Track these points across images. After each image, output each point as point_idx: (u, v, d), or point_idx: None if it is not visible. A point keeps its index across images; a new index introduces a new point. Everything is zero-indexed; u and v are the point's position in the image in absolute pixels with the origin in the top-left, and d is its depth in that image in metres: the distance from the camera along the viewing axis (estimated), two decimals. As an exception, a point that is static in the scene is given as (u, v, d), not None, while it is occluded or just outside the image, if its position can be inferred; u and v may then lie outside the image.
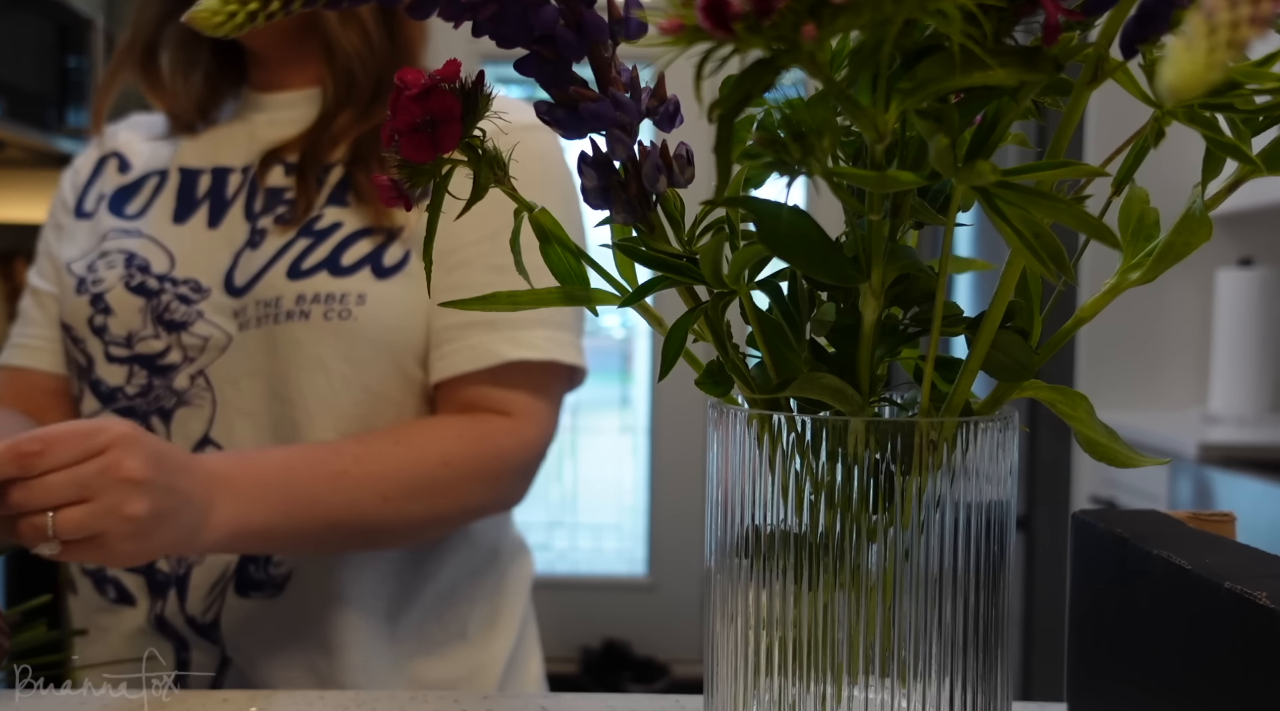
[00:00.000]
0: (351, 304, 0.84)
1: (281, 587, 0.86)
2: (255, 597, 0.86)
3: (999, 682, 0.42)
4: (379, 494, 0.79)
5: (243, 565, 0.85)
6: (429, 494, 0.81)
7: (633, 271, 0.45)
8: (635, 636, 3.37)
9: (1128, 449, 0.43)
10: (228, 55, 0.95)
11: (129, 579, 0.87)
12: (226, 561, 0.85)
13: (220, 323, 0.86)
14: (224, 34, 0.34)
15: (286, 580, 0.86)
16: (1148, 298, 2.51)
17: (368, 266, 0.85)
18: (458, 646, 0.92)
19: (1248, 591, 0.38)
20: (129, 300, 0.87)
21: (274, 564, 0.85)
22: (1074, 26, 0.36)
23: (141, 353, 0.87)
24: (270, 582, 0.86)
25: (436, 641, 0.91)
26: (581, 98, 0.39)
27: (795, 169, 0.36)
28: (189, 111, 0.94)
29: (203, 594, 0.85)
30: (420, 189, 0.42)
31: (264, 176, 0.90)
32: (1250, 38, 0.24)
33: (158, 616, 0.86)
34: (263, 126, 0.93)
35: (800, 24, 0.30)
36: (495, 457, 0.84)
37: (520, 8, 0.38)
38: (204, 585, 0.85)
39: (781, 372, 0.43)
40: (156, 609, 0.86)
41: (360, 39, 0.89)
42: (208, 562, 0.85)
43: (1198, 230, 0.41)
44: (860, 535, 0.40)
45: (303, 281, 0.85)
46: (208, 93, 0.95)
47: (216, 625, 0.86)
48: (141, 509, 0.63)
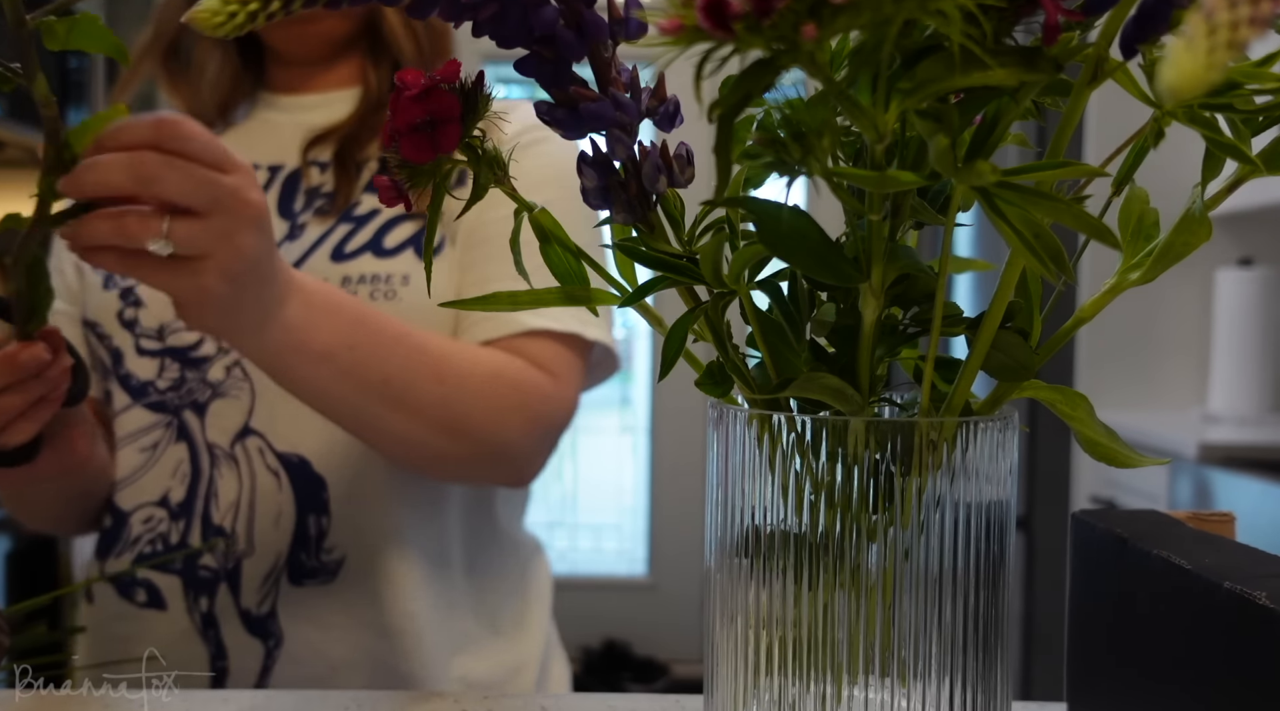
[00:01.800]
0: (397, 284, 0.84)
1: (335, 573, 0.85)
2: (310, 585, 0.84)
3: (999, 682, 0.42)
4: (435, 371, 0.76)
5: (294, 553, 0.84)
6: (477, 396, 0.78)
7: (633, 271, 0.45)
8: (635, 636, 3.37)
9: (1128, 449, 0.43)
10: (249, 55, 0.95)
11: (162, 580, 0.85)
12: (278, 551, 0.84)
13: None
14: (224, 34, 0.34)
15: (340, 566, 0.85)
16: (1148, 298, 2.51)
17: (411, 248, 0.86)
18: (492, 642, 0.92)
19: (1248, 591, 0.38)
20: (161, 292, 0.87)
21: (325, 550, 0.84)
22: (1074, 27, 0.36)
23: (173, 345, 0.86)
24: (324, 569, 0.84)
25: (472, 637, 0.91)
26: (581, 98, 0.39)
27: (795, 169, 0.37)
28: (209, 111, 0.94)
29: (256, 585, 0.84)
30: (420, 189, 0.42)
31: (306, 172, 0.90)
32: (1250, 38, 0.24)
33: (204, 615, 0.84)
34: (290, 127, 0.93)
35: (800, 24, 0.30)
36: (538, 394, 0.82)
37: (520, 8, 0.38)
38: (256, 576, 0.84)
39: (781, 373, 0.43)
40: (201, 607, 0.85)
41: (412, 42, 0.91)
42: (258, 553, 0.84)
43: (1198, 230, 0.41)
44: (860, 535, 0.40)
45: (347, 263, 0.85)
46: (230, 92, 0.95)
47: (274, 616, 0.84)
48: (250, 244, 0.60)
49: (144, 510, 0.86)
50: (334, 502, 0.84)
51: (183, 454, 0.86)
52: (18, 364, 0.64)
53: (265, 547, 0.84)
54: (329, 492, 0.84)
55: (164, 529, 0.85)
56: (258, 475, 0.84)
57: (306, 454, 0.84)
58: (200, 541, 0.84)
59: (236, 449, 0.85)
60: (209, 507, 0.85)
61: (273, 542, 0.84)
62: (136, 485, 0.86)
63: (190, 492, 0.85)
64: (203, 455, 0.86)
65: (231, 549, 0.84)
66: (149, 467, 0.86)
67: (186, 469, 0.86)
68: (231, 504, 0.84)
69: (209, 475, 0.85)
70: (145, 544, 0.86)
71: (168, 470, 0.86)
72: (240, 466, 0.85)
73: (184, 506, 0.85)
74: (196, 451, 0.86)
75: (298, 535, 0.84)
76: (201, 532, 0.84)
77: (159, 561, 0.85)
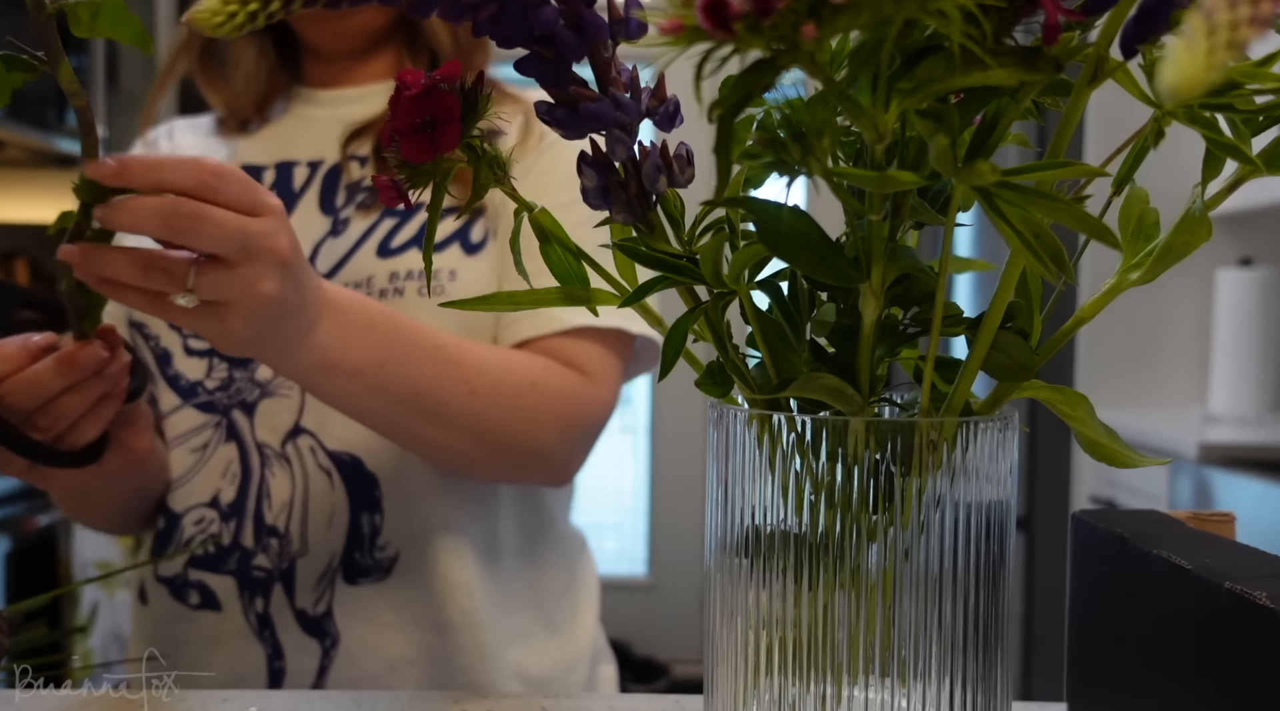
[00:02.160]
0: (444, 280, 0.84)
1: (389, 570, 0.84)
2: (364, 583, 0.84)
3: (999, 682, 0.42)
4: (468, 384, 0.76)
5: (348, 552, 0.84)
6: (511, 408, 0.78)
7: (633, 271, 0.45)
8: (635, 636, 3.37)
9: (1128, 449, 0.43)
10: (284, 51, 0.95)
11: (216, 581, 0.85)
12: (332, 550, 0.83)
13: None
14: (224, 34, 0.34)
15: (393, 562, 0.84)
16: (1148, 298, 2.51)
17: (456, 242, 0.86)
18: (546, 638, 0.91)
19: (1248, 591, 0.38)
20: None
21: (379, 548, 0.84)
22: (1074, 27, 0.36)
23: None
24: (378, 567, 0.84)
25: (527, 632, 0.90)
26: (581, 98, 0.39)
27: (795, 169, 0.37)
28: (246, 107, 0.93)
29: (311, 585, 0.84)
30: (419, 189, 0.42)
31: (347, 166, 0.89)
32: (1250, 38, 0.24)
33: (259, 615, 0.84)
34: (328, 121, 0.92)
35: (800, 24, 0.30)
36: (573, 400, 0.82)
37: (520, 8, 0.38)
38: (311, 576, 0.84)
39: (781, 373, 0.43)
40: (257, 607, 0.84)
41: (450, 34, 0.91)
42: (312, 553, 0.83)
43: (1198, 230, 0.41)
44: (860, 535, 0.40)
45: (394, 259, 0.84)
46: (267, 87, 0.94)
47: (329, 616, 0.84)
48: (274, 290, 0.60)
49: (195, 511, 0.85)
50: (386, 500, 0.84)
51: (232, 454, 0.85)
52: (77, 363, 0.64)
53: (319, 547, 0.84)
54: (381, 490, 0.84)
55: (215, 530, 0.85)
56: (310, 474, 0.84)
57: (358, 452, 0.84)
58: (253, 542, 0.84)
59: (288, 448, 0.84)
60: (261, 507, 0.84)
61: (327, 542, 0.83)
62: (187, 486, 0.86)
63: (241, 493, 0.85)
64: (253, 455, 0.85)
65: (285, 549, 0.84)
66: (199, 468, 0.86)
67: (237, 469, 0.85)
68: (285, 503, 0.84)
69: (260, 475, 0.84)
70: (197, 546, 0.85)
71: (218, 470, 0.85)
72: (292, 466, 0.84)
73: (234, 507, 0.84)
74: (246, 451, 0.85)
75: (351, 534, 0.84)
76: (254, 533, 0.84)
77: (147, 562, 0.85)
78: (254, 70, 0.94)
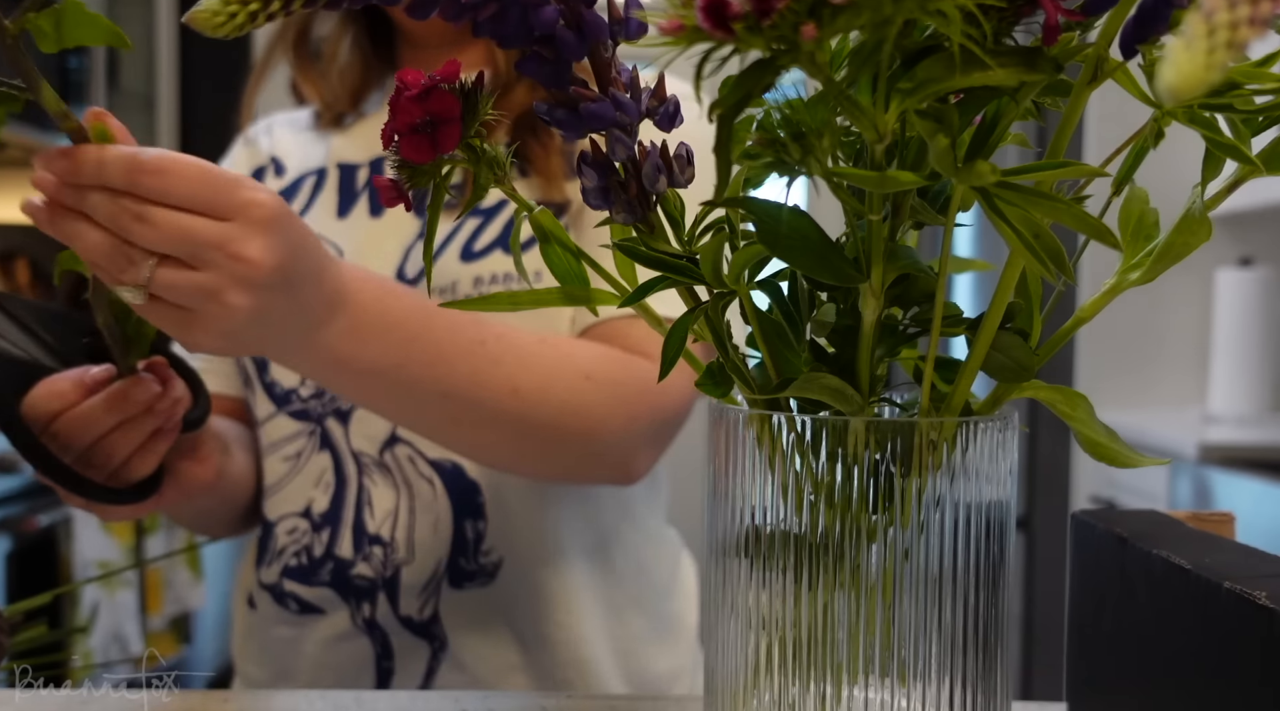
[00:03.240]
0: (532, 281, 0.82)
1: (494, 575, 0.83)
2: (470, 588, 0.83)
3: (999, 682, 0.42)
4: (509, 382, 0.70)
5: (453, 559, 0.82)
6: (562, 405, 0.72)
7: (633, 271, 0.45)
8: (635, 636, 3.36)
9: (1128, 449, 0.43)
10: (380, 41, 0.92)
11: (311, 593, 0.83)
12: (438, 557, 0.82)
13: None
14: (224, 34, 0.34)
15: (498, 567, 0.83)
16: (1148, 298, 2.51)
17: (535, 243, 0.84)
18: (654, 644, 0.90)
19: (1248, 591, 0.38)
20: None
21: (483, 553, 0.83)
22: (1074, 27, 0.36)
23: None
24: (482, 572, 0.83)
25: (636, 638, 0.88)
26: (581, 98, 0.39)
27: (795, 169, 0.37)
28: (342, 99, 0.91)
29: (416, 592, 0.82)
30: (421, 190, 0.42)
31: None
32: (1249, 38, 0.24)
33: (366, 620, 0.83)
34: None
35: (800, 24, 0.30)
36: (636, 389, 0.75)
37: (520, 8, 0.38)
38: (416, 584, 0.82)
39: (781, 373, 0.43)
40: (363, 612, 0.83)
41: None
42: (418, 561, 0.82)
43: (1197, 230, 0.41)
44: (860, 535, 0.40)
45: (478, 263, 0.82)
46: (362, 79, 0.92)
47: (436, 620, 0.83)
48: (244, 303, 0.54)
49: (288, 521, 0.84)
50: (489, 506, 0.83)
51: (326, 462, 0.84)
52: (128, 399, 0.62)
53: (425, 554, 0.82)
54: (484, 497, 0.83)
55: (307, 541, 0.84)
56: (413, 483, 0.83)
57: (459, 460, 0.82)
58: (352, 552, 0.82)
59: (386, 456, 0.83)
60: (362, 516, 0.83)
61: (432, 549, 0.82)
62: (280, 495, 0.85)
63: (336, 502, 0.83)
64: (347, 463, 0.84)
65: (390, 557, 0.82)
66: (292, 477, 0.85)
67: (330, 478, 0.84)
68: (389, 512, 0.82)
69: (358, 483, 0.83)
70: (290, 556, 0.84)
71: (311, 479, 0.84)
72: (394, 474, 0.83)
73: (327, 516, 0.83)
74: (341, 460, 0.84)
75: (456, 541, 0.82)
76: (353, 542, 0.82)
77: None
78: (349, 61, 0.91)
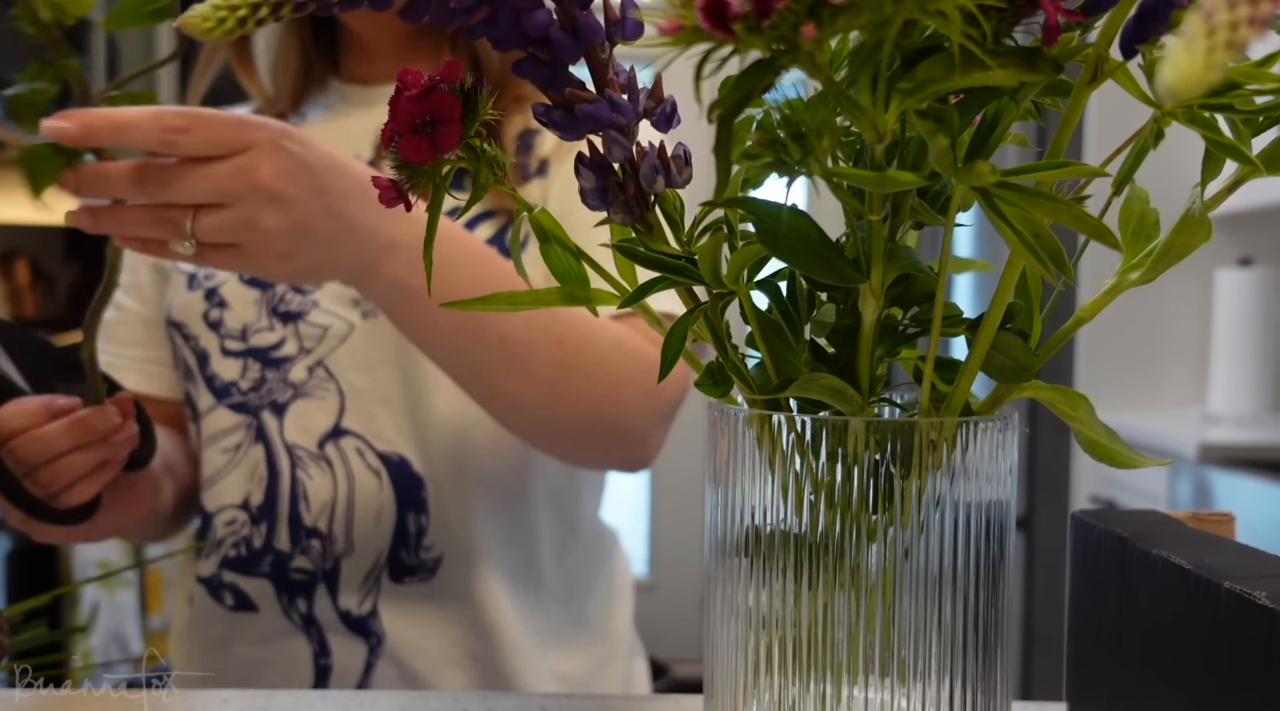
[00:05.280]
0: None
1: (434, 571, 0.84)
2: (410, 582, 0.84)
3: (999, 682, 0.42)
4: (556, 333, 0.73)
5: (394, 552, 0.84)
6: (594, 366, 0.75)
7: (633, 272, 0.45)
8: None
9: (1128, 449, 0.43)
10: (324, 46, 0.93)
11: (250, 584, 0.85)
12: (379, 549, 0.83)
13: (339, 311, 0.84)
14: (214, 39, 0.34)
15: (438, 563, 0.84)
16: (1148, 298, 2.51)
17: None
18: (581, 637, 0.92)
19: (1248, 591, 0.38)
20: (244, 293, 0.86)
21: (424, 548, 0.84)
22: (1074, 27, 0.36)
23: (256, 345, 0.85)
24: (423, 567, 0.84)
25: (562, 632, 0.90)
26: (578, 99, 0.39)
27: (795, 169, 0.37)
28: (283, 99, 0.92)
29: (356, 584, 0.84)
30: (420, 190, 0.42)
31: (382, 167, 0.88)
32: (1249, 38, 0.24)
33: (303, 616, 0.84)
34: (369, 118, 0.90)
35: (800, 25, 0.30)
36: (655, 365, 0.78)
37: (512, 11, 0.38)
38: (356, 575, 0.84)
39: (781, 373, 0.43)
40: (299, 608, 0.84)
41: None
42: (358, 552, 0.83)
43: (1197, 230, 0.41)
44: (860, 535, 0.40)
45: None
46: (304, 81, 0.92)
47: (375, 615, 0.84)
48: (277, 222, 0.59)
49: (226, 512, 0.86)
50: (432, 501, 0.84)
51: (260, 455, 0.85)
52: (89, 426, 0.64)
53: (365, 546, 0.84)
54: (427, 491, 0.84)
55: (246, 533, 0.85)
56: (356, 475, 0.84)
57: (407, 454, 0.84)
58: (289, 545, 0.84)
59: (327, 449, 0.84)
60: (297, 509, 0.84)
61: (373, 541, 0.84)
62: (219, 487, 0.86)
63: (270, 495, 0.84)
64: (280, 457, 0.85)
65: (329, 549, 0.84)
66: (230, 469, 0.86)
67: (263, 471, 0.85)
68: (326, 504, 0.83)
69: (291, 476, 0.84)
70: (229, 548, 0.85)
71: (247, 472, 0.85)
72: (334, 467, 0.84)
73: (264, 509, 0.84)
74: (274, 453, 0.85)
75: (398, 533, 0.84)
76: (290, 535, 0.84)
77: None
78: (291, 63, 0.92)
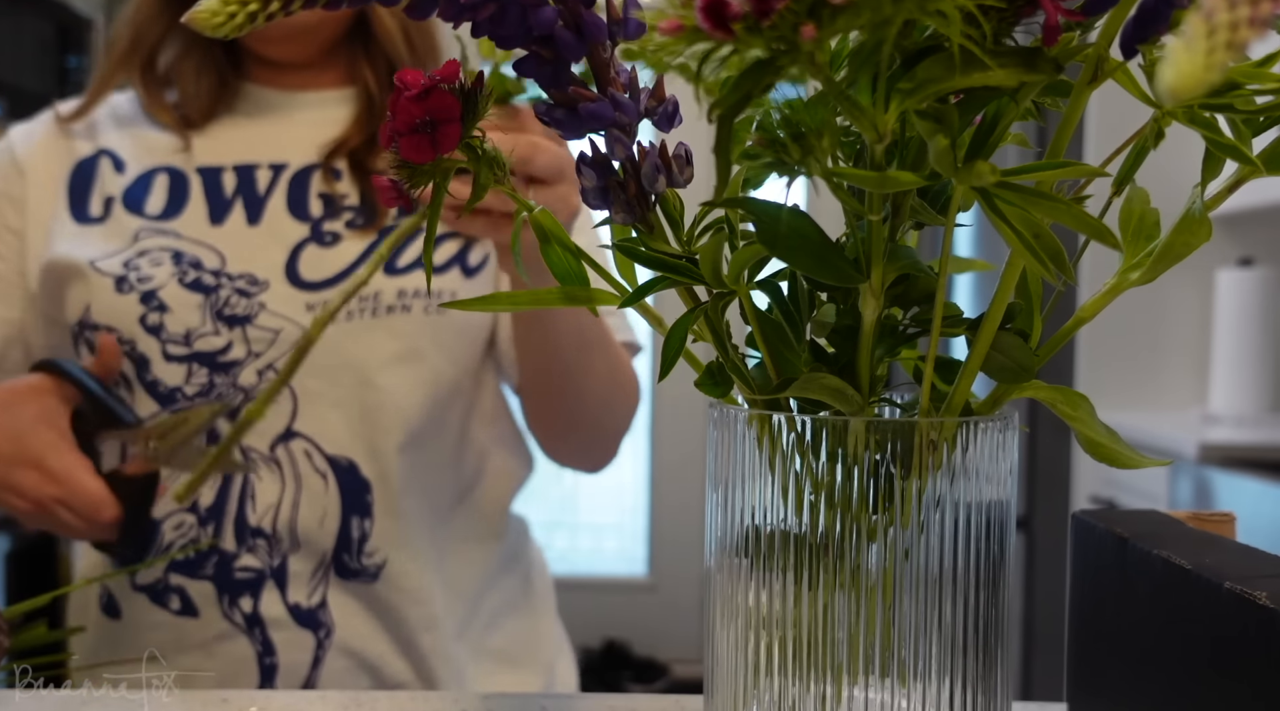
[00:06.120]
0: (446, 299, 0.87)
1: (376, 576, 0.86)
2: (355, 583, 0.86)
3: (999, 682, 0.42)
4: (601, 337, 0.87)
5: (338, 554, 0.85)
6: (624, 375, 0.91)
7: (633, 271, 0.45)
8: (635, 636, 3.37)
9: (1128, 449, 0.43)
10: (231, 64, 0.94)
11: (194, 587, 0.85)
12: (323, 549, 0.85)
13: (289, 315, 0.85)
14: (224, 34, 0.34)
15: (380, 569, 0.86)
16: (1148, 298, 2.51)
17: (457, 266, 0.89)
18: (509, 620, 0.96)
19: (1248, 591, 0.38)
20: (186, 296, 0.85)
21: (366, 553, 0.86)
22: (1074, 27, 0.36)
23: (201, 350, 0.85)
24: (365, 572, 0.86)
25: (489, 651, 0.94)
26: (580, 98, 0.39)
27: (795, 169, 0.37)
28: (192, 117, 0.92)
29: (305, 580, 0.85)
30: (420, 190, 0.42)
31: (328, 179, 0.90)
32: (1250, 38, 0.24)
33: (246, 616, 0.84)
34: (287, 125, 0.92)
35: (799, 25, 0.30)
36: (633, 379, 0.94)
37: (519, 8, 0.38)
38: (304, 572, 0.85)
39: (781, 373, 0.43)
40: (243, 608, 0.84)
41: (405, 40, 0.91)
42: (304, 551, 0.85)
43: (1198, 230, 0.41)
44: (860, 535, 0.40)
45: (402, 277, 0.87)
46: (213, 102, 0.93)
47: (325, 606, 0.85)
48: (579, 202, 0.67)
49: (175, 517, 0.86)
50: (377, 506, 0.86)
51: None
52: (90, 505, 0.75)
53: (311, 545, 0.85)
54: (373, 496, 0.86)
55: (194, 534, 0.85)
56: (304, 477, 0.85)
57: (355, 457, 0.85)
58: (234, 545, 0.84)
59: (278, 451, 0.85)
60: (244, 510, 0.85)
61: (318, 541, 0.85)
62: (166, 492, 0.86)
63: (221, 496, 0.85)
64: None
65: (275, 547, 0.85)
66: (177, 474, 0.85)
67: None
68: (271, 505, 0.84)
69: (244, 477, 0.85)
70: (177, 550, 0.85)
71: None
72: (283, 469, 0.85)
73: (213, 510, 0.85)
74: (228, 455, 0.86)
75: (341, 536, 0.85)
76: (235, 535, 0.84)
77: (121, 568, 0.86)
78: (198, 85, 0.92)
